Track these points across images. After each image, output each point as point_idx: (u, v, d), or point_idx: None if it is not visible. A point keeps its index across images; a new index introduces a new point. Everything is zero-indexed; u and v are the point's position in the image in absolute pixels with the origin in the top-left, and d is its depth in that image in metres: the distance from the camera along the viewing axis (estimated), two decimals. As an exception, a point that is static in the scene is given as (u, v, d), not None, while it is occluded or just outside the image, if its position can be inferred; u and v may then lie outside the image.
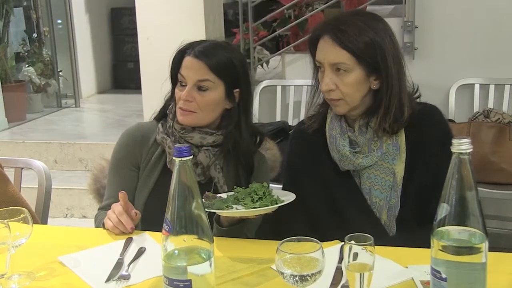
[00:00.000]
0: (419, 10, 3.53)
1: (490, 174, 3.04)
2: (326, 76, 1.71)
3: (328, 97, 1.74)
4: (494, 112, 3.27)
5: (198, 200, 1.18)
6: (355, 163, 1.75)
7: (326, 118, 1.83)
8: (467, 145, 1.10)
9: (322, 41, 1.72)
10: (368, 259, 1.22)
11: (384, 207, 1.75)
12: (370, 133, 1.75)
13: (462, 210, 1.10)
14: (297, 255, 1.18)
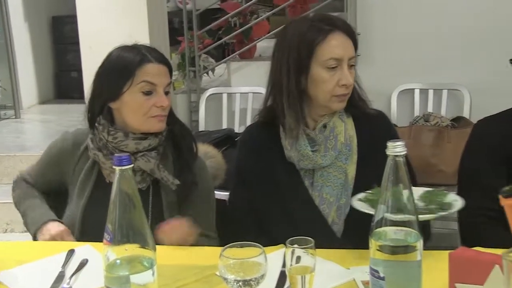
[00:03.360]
0: (361, 18, 3.61)
1: (430, 175, 3.12)
2: (346, 71, 1.73)
3: (344, 92, 1.75)
4: (433, 116, 3.38)
5: (140, 209, 1.18)
6: (317, 163, 1.78)
7: None
8: (401, 147, 1.13)
9: (336, 36, 1.73)
10: (309, 262, 1.24)
11: (333, 205, 1.77)
12: (327, 131, 1.79)
13: (399, 211, 1.13)
14: (240, 260, 1.19)
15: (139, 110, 1.75)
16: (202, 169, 1.90)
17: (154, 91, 1.75)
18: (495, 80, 3.42)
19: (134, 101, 1.75)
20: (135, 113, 1.76)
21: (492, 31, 3.46)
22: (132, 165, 1.17)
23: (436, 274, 1.26)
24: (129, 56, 1.76)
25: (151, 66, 1.74)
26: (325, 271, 1.38)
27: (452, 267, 1.23)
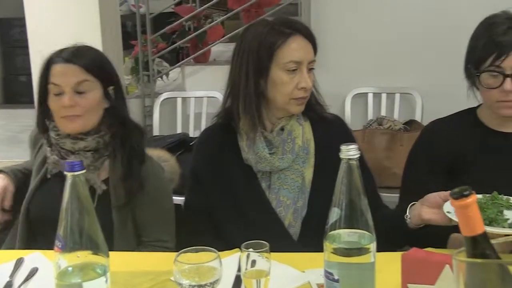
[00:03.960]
0: (315, 23, 3.63)
1: (384, 178, 3.16)
2: (305, 74, 1.75)
3: (303, 96, 1.77)
4: (387, 120, 3.43)
5: (93, 214, 1.16)
6: (274, 165, 1.78)
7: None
8: (354, 151, 1.14)
9: (296, 40, 1.75)
10: (264, 266, 1.25)
11: (290, 207, 1.78)
12: (285, 134, 1.80)
13: (352, 213, 1.14)
14: (195, 265, 1.19)
15: (55, 112, 1.76)
16: (154, 173, 1.86)
17: (61, 92, 1.73)
18: (446, 83, 3.47)
19: (51, 103, 1.76)
20: (55, 115, 1.77)
21: (443, 36, 3.53)
22: (84, 171, 1.15)
23: (389, 275, 1.28)
24: (48, 60, 1.78)
25: (56, 67, 1.74)
26: (280, 274, 1.38)
27: (404, 268, 1.25)
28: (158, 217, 1.84)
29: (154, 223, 1.80)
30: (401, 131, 3.33)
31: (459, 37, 3.45)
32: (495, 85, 1.73)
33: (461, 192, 0.81)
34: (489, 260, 0.81)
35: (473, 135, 1.87)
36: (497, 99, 1.75)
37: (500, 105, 1.77)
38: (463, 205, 0.81)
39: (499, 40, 1.72)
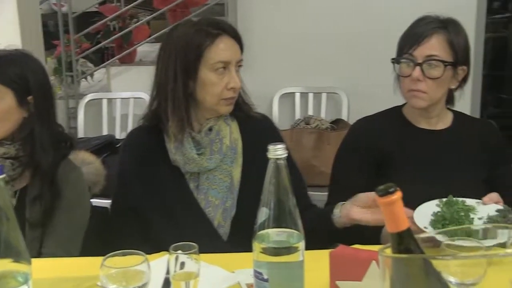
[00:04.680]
0: (241, 23, 3.64)
1: (312, 177, 3.20)
2: (234, 74, 1.75)
3: (232, 96, 1.78)
4: (314, 119, 3.48)
5: (14, 221, 1.11)
6: (202, 166, 1.77)
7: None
8: (282, 150, 1.14)
9: (223, 40, 1.75)
10: (193, 267, 1.24)
11: (219, 207, 1.78)
12: (213, 134, 1.80)
13: (280, 213, 1.14)
14: (122, 269, 1.16)
15: None
16: (67, 181, 1.77)
17: None
18: (370, 83, 3.57)
19: None
20: None
21: (366, 36, 3.61)
22: (4, 176, 1.10)
23: (318, 273, 1.29)
24: None
25: None
26: (210, 275, 1.37)
27: (332, 265, 1.27)
28: (63, 226, 1.75)
29: (58, 233, 1.74)
30: (328, 130, 3.39)
31: (383, 38, 3.56)
32: (407, 74, 1.81)
33: (386, 190, 0.82)
34: (413, 255, 0.82)
35: (398, 132, 1.93)
36: (408, 88, 1.83)
37: (410, 94, 1.84)
38: (388, 202, 0.82)
39: (415, 31, 1.82)
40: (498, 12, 4.45)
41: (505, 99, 4.68)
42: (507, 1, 4.50)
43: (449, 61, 1.82)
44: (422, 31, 1.82)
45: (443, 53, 1.82)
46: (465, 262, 0.85)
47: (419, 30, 1.82)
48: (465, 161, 1.91)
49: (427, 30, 1.82)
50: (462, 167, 1.90)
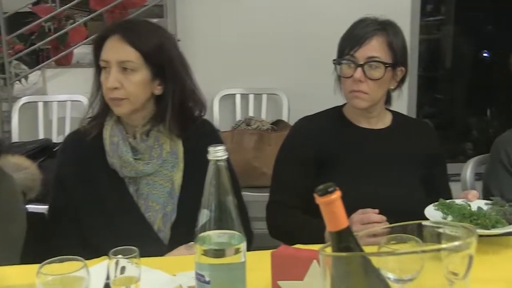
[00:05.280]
0: (181, 24, 3.62)
1: (254, 178, 3.22)
2: (112, 74, 1.69)
3: (112, 96, 1.72)
4: (255, 120, 3.49)
5: None
6: (138, 170, 1.75)
7: (104, 125, 1.80)
8: (222, 152, 1.14)
9: (110, 40, 1.71)
10: (134, 272, 1.22)
11: (159, 212, 1.76)
12: (151, 140, 1.77)
13: (222, 215, 1.14)
14: (60, 276, 1.13)
15: None
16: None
17: None
18: (310, 84, 3.61)
19: None
20: None
21: (306, 36, 3.65)
22: None
23: (260, 273, 1.29)
24: None
25: None
26: (151, 279, 1.36)
27: (274, 266, 1.27)
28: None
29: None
30: (269, 131, 3.40)
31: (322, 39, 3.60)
32: (349, 75, 1.84)
33: (326, 189, 0.83)
34: (353, 253, 0.84)
35: (339, 132, 1.97)
36: (350, 89, 1.87)
37: (352, 95, 1.88)
38: (328, 201, 0.83)
39: (356, 33, 1.85)
40: (431, 15, 4.57)
41: (439, 99, 4.82)
42: (440, 4, 4.63)
43: (389, 62, 1.86)
44: (362, 33, 1.85)
45: (383, 54, 1.86)
46: (402, 259, 0.86)
47: (360, 32, 1.86)
48: (404, 160, 1.97)
49: (368, 32, 1.85)
50: (401, 166, 1.96)
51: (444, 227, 0.92)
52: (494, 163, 2.11)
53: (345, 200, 0.84)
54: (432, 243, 0.91)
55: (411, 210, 1.60)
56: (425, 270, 0.82)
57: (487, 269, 1.39)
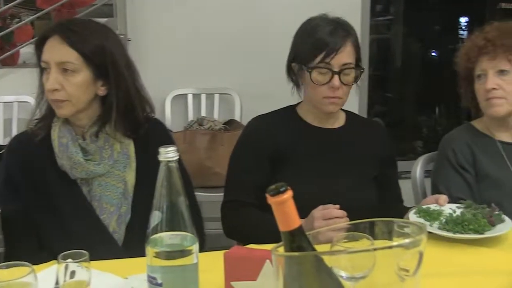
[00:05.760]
0: (132, 23, 3.57)
1: (207, 178, 3.21)
2: (51, 75, 1.66)
3: (53, 98, 1.68)
4: (207, 120, 3.48)
5: None
6: (89, 170, 1.72)
7: (52, 127, 1.76)
8: (173, 153, 1.13)
9: (50, 40, 1.68)
10: (84, 276, 1.20)
11: (114, 214, 1.74)
12: (101, 141, 1.74)
13: (173, 216, 1.13)
14: (6, 282, 1.10)
15: None
16: None
17: None
18: (261, 83, 3.62)
19: None
20: None
21: (258, 36, 3.65)
22: None
23: (212, 274, 1.28)
24: None
25: None
26: (102, 283, 1.34)
27: (227, 266, 1.27)
28: None
29: None
30: (222, 131, 3.40)
31: (273, 38, 3.62)
32: (324, 82, 1.85)
33: (278, 189, 0.83)
34: (306, 253, 0.84)
35: (294, 130, 1.98)
36: (324, 95, 1.87)
37: (326, 101, 1.89)
38: (280, 201, 0.83)
39: (328, 40, 1.84)
40: (380, 15, 4.65)
41: (390, 98, 4.90)
42: (389, 4, 4.71)
43: (359, 66, 1.91)
44: (335, 40, 1.84)
45: (353, 59, 1.89)
46: (354, 257, 0.87)
47: (332, 39, 1.84)
48: (357, 160, 1.99)
49: (340, 40, 1.85)
50: (353, 165, 1.98)
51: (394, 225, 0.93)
52: (441, 161, 2.16)
53: (297, 199, 0.84)
54: (384, 240, 0.91)
55: (363, 209, 1.62)
56: (377, 267, 0.83)
57: (439, 264, 1.42)
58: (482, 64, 2.03)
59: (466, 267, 1.53)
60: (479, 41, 2.04)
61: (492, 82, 2.00)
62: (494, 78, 2.01)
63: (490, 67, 2.01)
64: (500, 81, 2.01)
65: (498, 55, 2.00)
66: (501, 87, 2.01)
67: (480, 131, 2.16)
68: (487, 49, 2.01)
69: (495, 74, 2.01)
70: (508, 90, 2.01)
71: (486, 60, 2.02)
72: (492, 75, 2.01)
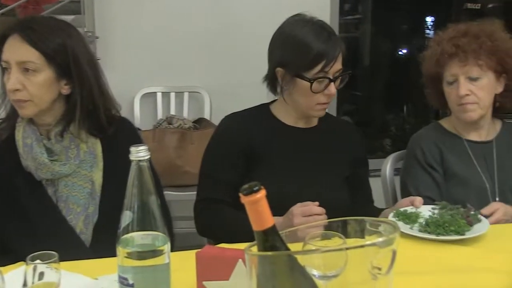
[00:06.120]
0: (100, 20, 3.53)
1: (176, 177, 3.19)
2: (12, 75, 1.63)
3: (15, 98, 1.65)
4: (176, 119, 3.46)
5: None
6: (54, 171, 1.69)
7: (16, 127, 1.73)
8: (144, 152, 1.12)
9: (9, 39, 1.64)
10: (53, 277, 1.18)
11: (81, 214, 1.71)
12: (66, 141, 1.71)
13: (145, 216, 1.12)
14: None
15: None
16: None
17: None
18: (232, 82, 3.61)
19: None
20: None
21: (227, 35, 3.64)
22: None
23: (184, 274, 1.28)
24: None
25: None
26: (72, 284, 1.32)
27: (199, 266, 1.26)
28: None
29: None
30: (191, 130, 3.38)
31: (242, 37, 3.61)
32: (320, 90, 1.86)
33: (251, 188, 0.82)
34: (279, 252, 0.84)
35: (268, 129, 1.98)
36: (319, 102, 1.89)
37: (319, 107, 1.91)
38: (253, 200, 0.83)
39: (325, 50, 1.84)
40: (349, 14, 4.68)
41: (358, 96, 4.94)
42: (357, 3, 4.74)
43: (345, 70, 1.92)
44: (332, 49, 1.85)
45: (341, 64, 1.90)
46: (327, 255, 0.87)
47: (329, 49, 1.84)
48: (330, 160, 2.00)
49: (336, 48, 1.86)
50: (327, 166, 1.99)
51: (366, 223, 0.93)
52: (410, 159, 2.18)
53: (271, 198, 0.84)
54: (357, 238, 0.92)
55: (335, 209, 1.63)
56: (349, 266, 0.83)
57: (413, 263, 1.44)
58: (452, 69, 2.05)
59: (441, 265, 1.55)
60: (449, 48, 2.05)
61: (464, 88, 2.03)
62: (466, 84, 2.03)
63: (461, 72, 2.03)
64: (471, 86, 2.03)
65: (469, 61, 2.02)
66: (473, 93, 2.03)
67: (448, 130, 2.19)
68: (458, 56, 2.03)
69: (466, 79, 2.03)
70: (480, 96, 2.04)
71: (456, 65, 2.04)
72: (463, 81, 2.03)
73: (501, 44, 2.04)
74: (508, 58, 2.04)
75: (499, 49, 2.03)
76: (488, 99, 2.07)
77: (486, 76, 2.03)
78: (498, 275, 1.46)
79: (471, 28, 2.08)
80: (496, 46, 2.02)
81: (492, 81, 2.05)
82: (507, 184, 2.09)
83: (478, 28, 2.08)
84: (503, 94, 2.10)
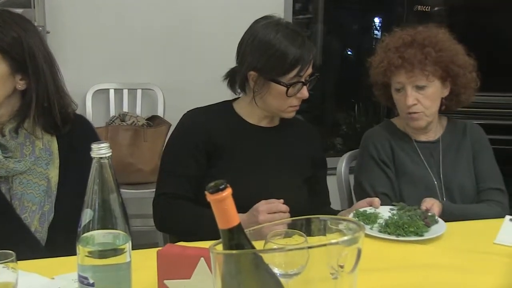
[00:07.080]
0: (50, 15, 3.46)
1: (129, 175, 3.17)
2: None
3: None
4: (129, 116, 3.42)
5: None
6: (8, 168, 1.66)
7: None
8: (106, 149, 1.11)
9: None
10: (10, 277, 1.16)
11: (36, 213, 1.68)
12: (21, 138, 1.68)
13: (106, 214, 1.11)
14: None
15: None
16: None
17: None
18: (185, 79, 3.60)
19: None
20: None
21: (180, 32, 3.62)
22: None
23: (145, 272, 1.28)
24: None
25: None
26: (28, 284, 1.30)
27: (160, 265, 1.26)
28: None
29: None
30: (145, 127, 3.36)
31: (196, 35, 3.60)
32: (294, 93, 1.90)
33: (217, 187, 0.83)
34: (245, 250, 0.85)
35: (229, 126, 1.99)
36: (291, 105, 1.92)
37: (291, 109, 1.94)
38: (219, 199, 0.83)
39: (301, 55, 1.86)
40: (300, 13, 4.72)
41: (310, 95, 4.99)
42: (308, 3, 4.79)
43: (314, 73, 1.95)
44: (307, 54, 1.88)
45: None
46: (289, 254, 0.89)
47: (304, 54, 1.87)
48: (290, 159, 2.02)
49: (309, 52, 1.88)
50: (287, 165, 2.01)
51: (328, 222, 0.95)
52: (364, 157, 2.23)
53: (233, 195, 0.85)
54: (320, 237, 0.94)
55: (295, 208, 1.65)
56: (311, 264, 0.85)
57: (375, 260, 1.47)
58: (399, 78, 2.11)
59: (400, 262, 1.59)
60: (395, 60, 2.10)
61: (412, 98, 2.09)
62: (413, 93, 2.09)
63: (408, 82, 2.09)
64: (418, 95, 2.10)
65: (415, 71, 2.08)
66: (420, 102, 2.10)
67: (399, 129, 2.25)
68: (405, 68, 2.08)
69: (413, 88, 2.09)
70: (426, 105, 2.11)
71: (403, 76, 2.10)
72: (410, 90, 2.09)
73: (446, 53, 2.10)
74: (452, 65, 2.10)
75: (444, 58, 2.09)
76: (435, 106, 2.15)
77: (432, 85, 2.10)
78: (455, 271, 1.51)
79: (417, 37, 2.12)
80: (441, 56, 2.08)
81: (439, 88, 2.12)
82: (453, 182, 2.16)
83: (423, 36, 2.13)
84: (448, 97, 2.18)
